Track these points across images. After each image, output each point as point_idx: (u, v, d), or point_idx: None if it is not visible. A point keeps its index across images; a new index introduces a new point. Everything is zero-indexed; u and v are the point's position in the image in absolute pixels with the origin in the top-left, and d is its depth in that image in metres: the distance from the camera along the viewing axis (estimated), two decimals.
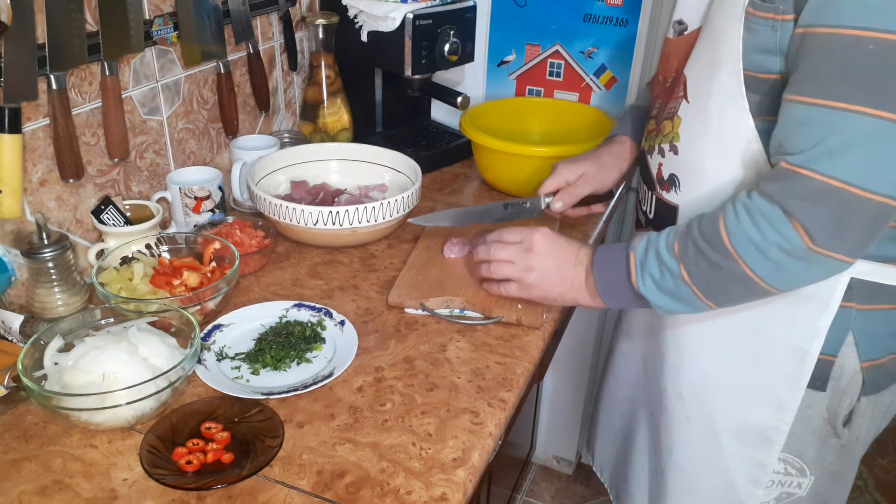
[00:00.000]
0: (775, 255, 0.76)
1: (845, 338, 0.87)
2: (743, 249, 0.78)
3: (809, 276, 0.79)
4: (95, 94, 1.05)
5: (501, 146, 1.31)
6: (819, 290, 0.84)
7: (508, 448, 1.58)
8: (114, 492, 0.73)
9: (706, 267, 0.81)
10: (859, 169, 0.71)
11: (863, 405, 0.91)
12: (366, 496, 0.73)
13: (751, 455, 0.97)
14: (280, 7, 1.40)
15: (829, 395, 0.90)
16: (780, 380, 0.91)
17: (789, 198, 0.74)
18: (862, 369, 0.88)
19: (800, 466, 0.97)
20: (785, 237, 0.75)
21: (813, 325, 0.86)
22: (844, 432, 0.93)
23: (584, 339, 1.82)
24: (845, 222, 0.73)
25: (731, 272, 0.79)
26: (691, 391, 1.00)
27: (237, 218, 1.19)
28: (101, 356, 0.80)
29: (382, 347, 0.96)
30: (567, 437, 2.01)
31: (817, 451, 0.95)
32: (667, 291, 0.85)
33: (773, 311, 0.88)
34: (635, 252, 0.87)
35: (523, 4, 1.53)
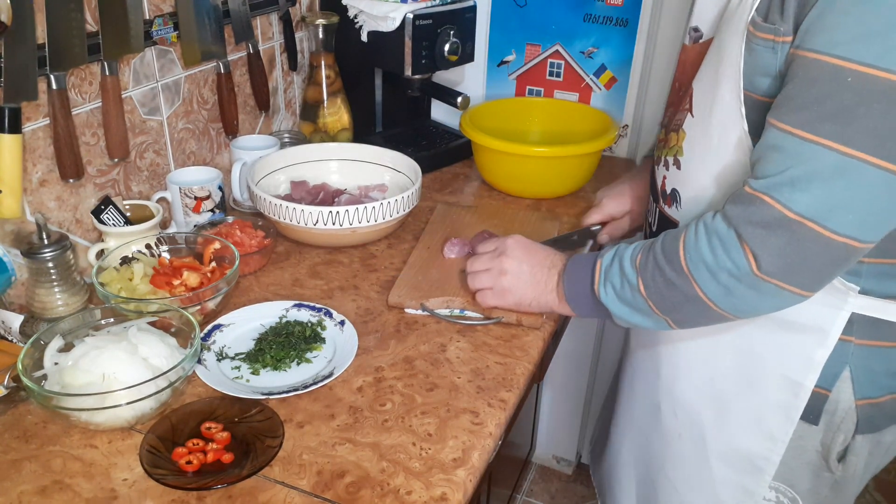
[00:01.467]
0: (725, 279, 0.75)
1: (841, 372, 0.84)
2: (696, 270, 0.77)
3: (761, 305, 0.77)
4: (95, 94, 1.05)
5: (501, 146, 1.31)
6: (818, 321, 0.82)
7: (508, 448, 1.58)
8: (114, 492, 0.73)
9: (661, 283, 0.80)
10: (819, 205, 0.69)
11: (858, 443, 0.88)
12: (366, 496, 0.73)
13: (740, 482, 0.95)
14: (280, 7, 1.40)
15: (822, 430, 0.88)
16: (772, 410, 0.88)
17: (746, 223, 0.73)
18: (857, 407, 0.85)
19: (792, 497, 0.94)
20: (734, 262, 0.74)
21: (809, 357, 0.84)
22: (839, 468, 0.90)
23: (584, 339, 1.82)
24: (799, 256, 0.71)
25: (684, 291, 0.79)
26: (684, 410, 0.98)
27: (237, 218, 1.19)
28: (101, 356, 0.80)
29: (382, 347, 0.96)
30: (567, 437, 2.01)
31: (811, 483, 0.92)
32: (625, 302, 0.84)
33: (769, 339, 0.86)
34: (602, 260, 0.87)
35: (523, 4, 1.53)
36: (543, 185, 1.36)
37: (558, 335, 1.10)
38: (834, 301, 0.81)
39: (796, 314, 0.81)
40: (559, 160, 1.32)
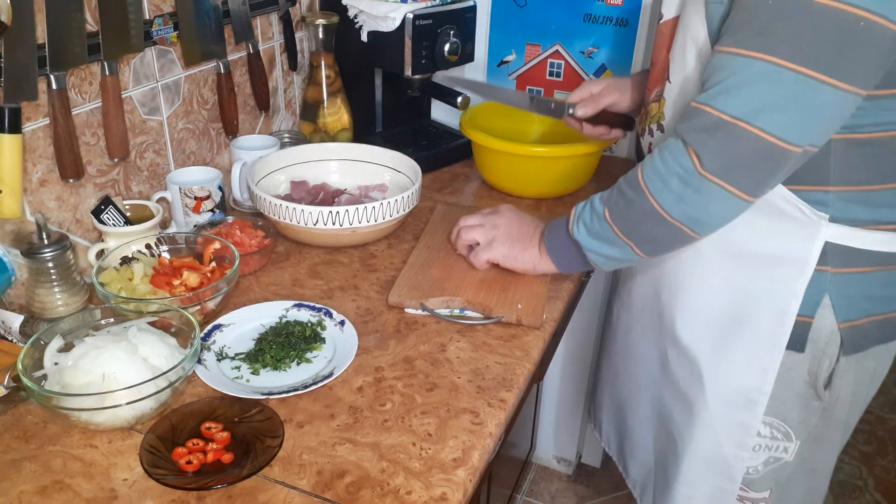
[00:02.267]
0: (675, 184, 0.84)
1: (822, 300, 0.91)
2: (650, 181, 0.87)
3: (709, 209, 0.84)
4: (95, 94, 1.05)
5: (501, 146, 1.31)
6: (797, 252, 0.90)
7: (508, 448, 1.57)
8: (114, 492, 0.73)
9: (623, 204, 0.91)
10: (748, 106, 0.78)
11: (843, 366, 0.95)
12: (366, 496, 0.73)
13: (736, 418, 1.01)
14: (280, 7, 1.40)
15: (808, 357, 0.94)
16: (761, 341, 0.95)
17: (690, 131, 0.82)
18: (840, 330, 0.92)
19: (785, 431, 1.01)
20: (681, 164, 0.83)
21: (791, 286, 0.91)
22: (826, 394, 0.97)
23: (584, 339, 1.82)
24: (735, 154, 0.80)
25: (642, 206, 0.88)
26: (685, 355, 1.04)
27: (237, 218, 1.19)
28: (101, 356, 0.80)
29: (382, 347, 0.96)
30: (567, 437, 2.01)
31: (801, 414, 0.99)
32: (594, 234, 0.94)
33: (756, 274, 0.94)
34: (576, 207, 0.98)
35: (523, 4, 1.53)
36: (543, 184, 1.36)
37: (558, 335, 1.10)
38: (808, 233, 0.89)
39: (776, 247, 0.91)
40: (559, 160, 1.32)
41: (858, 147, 0.84)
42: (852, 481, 2.07)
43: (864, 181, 0.86)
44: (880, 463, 2.15)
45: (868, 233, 0.88)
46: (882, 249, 0.89)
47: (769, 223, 0.91)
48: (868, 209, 0.88)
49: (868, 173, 0.86)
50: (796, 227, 0.89)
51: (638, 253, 0.92)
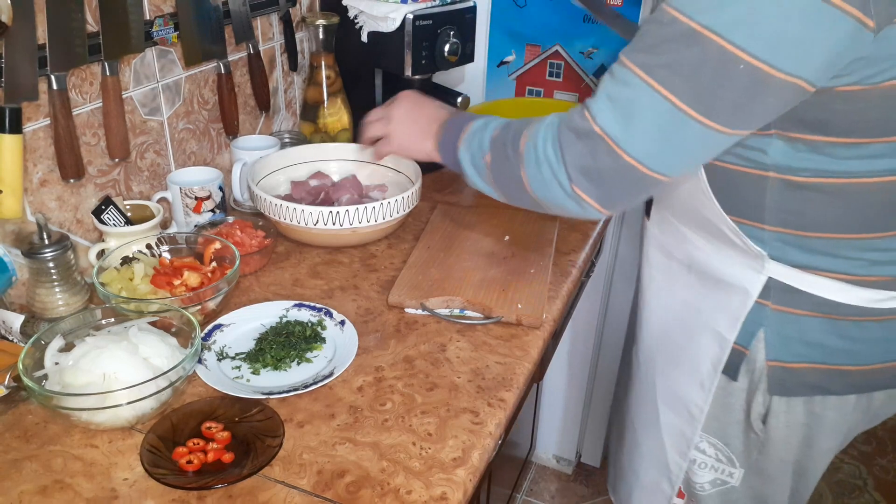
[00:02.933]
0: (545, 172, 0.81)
1: (757, 332, 0.90)
2: (527, 153, 0.83)
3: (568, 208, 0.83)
4: (96, 95, 1.05)
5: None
6: (743, 282, 0.90)
7: (508, 448, 1.58)
8: (114, 491, 0.74)
9: (501, 158, 0.87)
10: (616, 123, 0.75)
11: (776, 405, 0.93)
12: (366, 496, 0.73)
13: (679, 427, 1.04)
14: (280, 7, 1.40)
15: (745, 389, 0.95)
16: (704, 360, 0.96)
17: (567, 127, 0.80)
18: (768, 367, 0.91)
19: (728, 456, 1.01)
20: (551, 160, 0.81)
21: (734, 313, 0.91)
22: (762, 429, 0.96)
23: (584, 339, 1.82)
24: (597, 168, 0.78)
25: (514, 171, 0.85)
26: (644, 355, 1.09)
27: (237, 218, 1.19)
28: (102, 356, 0.80)
29: (382, 347, 0.96)
30: (567, 436, 2.01)
31: (743, 443, 0.99)
32: (475, 167, 0.92)
33: (707, 295, 0.95)
34: (473, 123, 0.94)
35: (523, 5, 1.53)
36: None
37: (558, 335, 1.10)
38: (754, 264, 0.88)
39: (727, 273, 0.91)
40: None
41: (796, 190, 0.81)
42: (852, 481, 2.07)
43: (799, 226, 0.84)
44: (880, 463, 2.15)
45: (811, 276, 0.86)
46: (823, 296, 0.86)
47: (722, 247, 0.91)
48: (804, 254, 0.85)
49: (803, 219, 0.83)
50: (741, 256, 0.89)
51: (495, 191, 0.93)
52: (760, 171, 0.82)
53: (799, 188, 0.81)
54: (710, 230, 0.91)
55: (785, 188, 0.82)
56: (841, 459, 2.13)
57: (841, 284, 0.85)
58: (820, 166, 0.79)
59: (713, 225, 0.90)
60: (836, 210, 0.81)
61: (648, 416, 1.09)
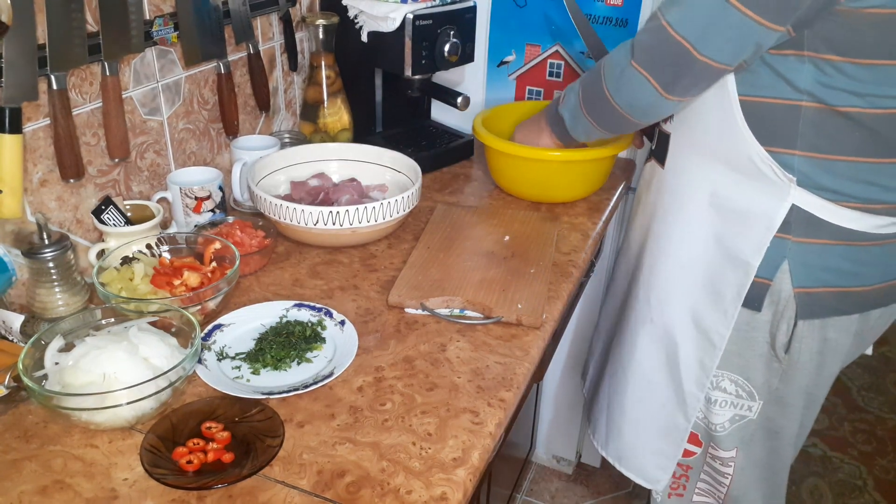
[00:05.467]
0: (618, 72, 0.99)
1: (781, 264, 1.00)
2: (606, 65, 1.02)
3: (637, 96, 0.98)
4: (96, 95, 1.05)
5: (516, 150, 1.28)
6: (766, 210, 0.98)
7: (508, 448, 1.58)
8: (114, 491, 0.74)
9: (588, 83, 1.07)
10: (678, 15, 0.90)
11: (801, 331, 1.03)
12: (366, 496, 0.73)
13: (697, 356, 1.11)
14: (280, 7, 1.40)
15: (768, 319, 1.04)
16: (728, 287, 1.05)
17: (641, 31, 0.97)
18: (795, 294, 1.01)
19: (749, 390, 1.10)
20: (624, 55, 0.98)
21: (758, 242, 1.00)
22: (785, 357, 1.05)
23: (584, 339, 1.82)
24: (657, 51, 0.94)
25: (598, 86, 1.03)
26: (658, 296, 1.15)
27: (237, 218, 1.19)
28: (102, 356, 0.80)
29: (382, 347, 0.96)
30: (567, 436, 2.01)
31: (763, 375, 1.08)
32: (570, 109, 1.12)
33: (730, 226, 1.03)
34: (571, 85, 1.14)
35: (523, 5, 1.53)
36: (558, 189, 1.34)
37: (558, 335, 1.10)
38: (778, 192, 0.97)
39: (749, 203, 1.00)
40: (575, 164, 1.29)
41: (829, 118, 0.91)
42: (852, 481, 2.07)
43: (828, 150, 0.93)
44: (880, 463, 2.15)
45: (835, 207, 0.96)
46: (845, 225, 0.97)
47: (746, 180, 0.99)
48: (831, 178, 0.95)
49: (833, 143, 0.93)
50: (768, 185, 0.97)
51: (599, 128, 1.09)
52: (794, 100, 0.92)
53: (829, 115, 0.91)
54: (738, 163, 0.99)
55: (818, 115, 0.92)
56: (841, 459, 2.13)
57: (856, 213, 0.96)
58: (848, 87, 0.88)
59: (743, 156, 0.98)
60: (863, 134, 0.91)
61: (663, 353, 1.15)
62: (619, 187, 1.44)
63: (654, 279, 1.16)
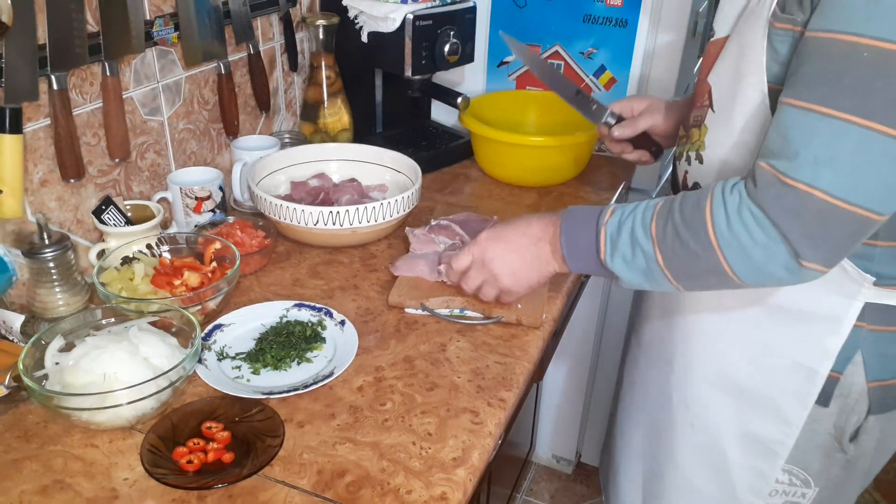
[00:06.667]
0: (759, 257, 0.75)
1: (853, 356, 0.86)
2: (724, 242, 0.76)
3: (785, 281, 0.77)
4: (96, 95, 1.05)
5: (500, 136, 1.37)
6: (832, 310, 0.84)
7: (508, 447, 1.58)
8: (114, 491, 0.74)
9: (684, 255, 0.79)
10: (843, 179, 0.69)
11: (871, 423, 0.91)
12: (366, 495, 0.73)
13: (753, 465, 0.97)
14: (280, 8, 1.40)
15: (835, 412, 0.90)
16: (787, 395, 0.91)
17: (772, 205, 0.72)
18: (868, 389, 0.88)
19: (804, 478, 0.97)
20: (773, 242, 0.73)
21: (823, 344, 0.86)
22: (851, 448, 0.93)
23: (584, 339, 1.82)
24: (823, 232, 0.71)
25: (709, 265, 0.78)
26: (697, 401, 1.00)
27: (238, 218, 1.19)
28: (102, 356, 0.80)
29: (382, 347, 0.96)
30: (567, 436, 2.01)
31: (822, 464, 0.95)
32: (637, 270, 0.83)
33: (781, 329, 0.89)
34: (606, 227, 0.84)
35: (523, 5, 1.53)
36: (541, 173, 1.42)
37: (558, 335, 1.10)
38: (848, 290, 0.83)
39: (810, 303, 0.85)
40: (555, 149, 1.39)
41: None
42: None
43: None
44: None
45: None
46: None
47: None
48: None
49: None
50: (836, 285, 0.82)
51: (679, 289, 0.84)
52: None
53: None
54: None
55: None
56: None
57: None
58: None
59: None
60: None
61: (709, 463, 1.02)
62: (620, 187, 1.45)
63: (690, 382, 1.01)
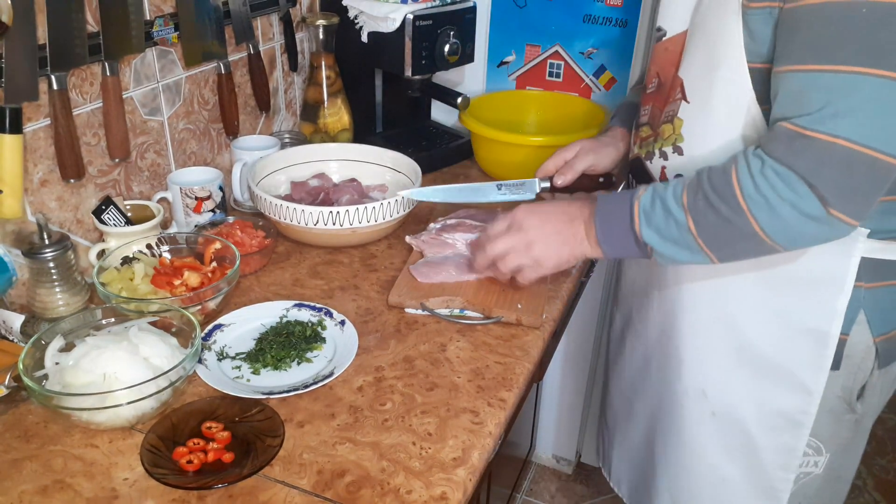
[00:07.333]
0: (788, 213, 0.76)
1: (856, 316, 0.89)
2: (753, 204, 0.77)
3: (819, 236, 0.78)
4: (96, 95, 1.05)
5: (500, 136, 1.37)
6: (832, 270, 0.86)
7: (508, 447, 1.58)
8: (114, 491, 0.74)
9: (715, 221, 0.80)
10: (864, 128, 0.71)
11: (874, 377, 0.93)
12: (366, 495, 0.73)
13: (780, 441, 0.98)
14: (281, 8, 1.40)
15: (843, 373, 0.92)
16: (803, 364, 0.92)
17: (798, 159, 0.74)
18: (875, 344, 0.90)
19: (816, 446, 0.98)
20: (800, 196, 0.74)
21: (830, 306, 0.88)
22: (858, 406, 0.95)
23: (584, 339, 1.82)
24: (851, 182, 0.73)
25: (741, 228, 0.79)
26: (715, 388, 1.00)
27: (238, 218, 1.20)
28: (102, 356, 0.80)
29: (382, 347, 0.96)
30: (567, 436, 2.01)
31: (832, 428, 0.97)
32: (671, 240, 0.84)
33: (790, 297, 0.90)
34: (640, 201, 0.86)
35: (523, 5, 1.53)
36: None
37: (558, 335, 1.10)
38: (844, 248, 0.84)
39: (811, 267, 0.87)
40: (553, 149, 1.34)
41: None
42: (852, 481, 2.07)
43: None
44: (879, 463, 2.15)
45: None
46: None
47: None
48: None
49: None
50: (832, 245, 0.81)
51: (714, 261, 0.85)
52: None
53: None
54: None
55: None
56: None
57: None
58: None
59: None
60: None
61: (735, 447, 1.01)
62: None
63: (706, 371, 1.01)
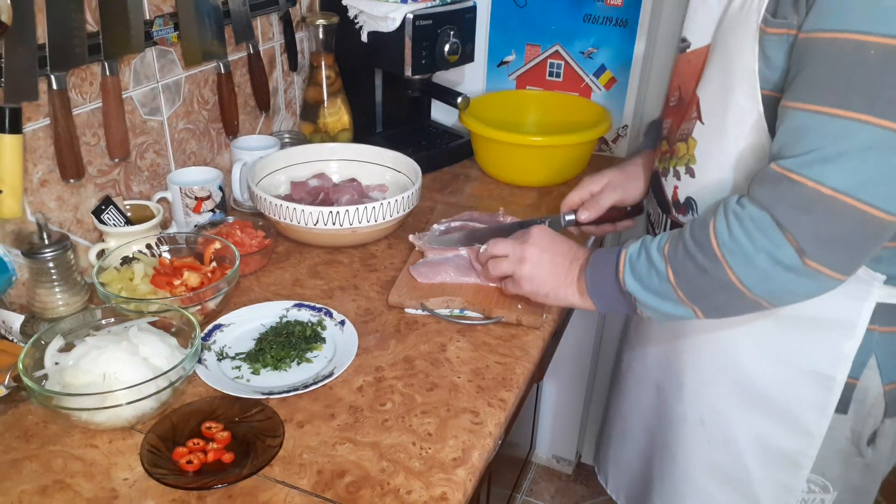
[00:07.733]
0: (763, 263, 0.73)
1: (868, 360, 0.85)
2: (729, 253, 0.75)
3: (799, 290, 0.76)
4: (96, 95, 1.05)
5: (500, 136, 1.37)
6: (844, 314, 0.83)
7: (508, 448, 1.58)
8: (114, 491, 0.74)
9: (693, 270, 0.79)
10: (853, 177, 0.68)
11: (887, 426, 0.90)
12: (366, 496, 0.73)
13: (777, 478, 0.96)
14: (280, 7, 1.40)
15: (852, 417, 0.89)
16: (806, 406, 0.89)
17: (778, 203, 0.71)
18: (885, 392, 0.87)
19: (823, 484, 0.96)
20: (775, 244, 0.72)
21: (838, 350, 0.85)
22: (868, 452, 0.92)
23: (584, 340, 1.82)
24: (834, 234, 0.70)
25: (718, 278, 0.77)
26: (713, 417, 0.98)
27: (237, 218, 1.20)
28: (102, 356, 0.80)
29: (382, 347, 0.96)
30: (567, 436, 2.01)
31: (841, 469, 0.94)
32: (652, 291, 0.83)
33: (794, 338, 0.87)
34: (627, 251, 0.86)
35: (523, 5, 1.53)
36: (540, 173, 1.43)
37: (558, 335, 1.10)
38: (858, 292, 0.81)
39: (821, 309, 0.82)
40: (555, 149, 1.39)
41: None
42: None
43: None
44: None
45: None
46: None
47: None
48: None
49: None
50: (847, 288, 0.77)
51: (700, 317, 0.83)
52: None
53: None
54: None
55: None
56: None
57: None
58: None
59: None
60: None
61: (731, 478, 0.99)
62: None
63: (705, 399, 0.99)
